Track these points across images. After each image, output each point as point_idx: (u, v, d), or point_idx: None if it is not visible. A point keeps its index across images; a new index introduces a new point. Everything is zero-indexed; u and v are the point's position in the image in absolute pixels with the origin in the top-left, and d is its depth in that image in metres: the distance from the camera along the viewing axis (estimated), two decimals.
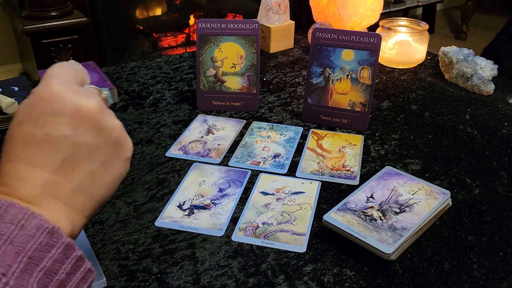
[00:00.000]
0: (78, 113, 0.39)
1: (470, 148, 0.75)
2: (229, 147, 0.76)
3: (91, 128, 0.39)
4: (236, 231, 0.58)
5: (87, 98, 0.40)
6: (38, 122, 0.38)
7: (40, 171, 0.37)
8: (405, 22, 1.09)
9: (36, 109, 0.38)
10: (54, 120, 0.38)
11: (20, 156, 0.37)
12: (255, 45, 0.84)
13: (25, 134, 0.38)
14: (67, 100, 0.39)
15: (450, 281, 0.51)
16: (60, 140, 0.38)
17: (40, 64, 1.97)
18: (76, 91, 0.40)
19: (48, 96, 0.39)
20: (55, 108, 0.38)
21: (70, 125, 0.38)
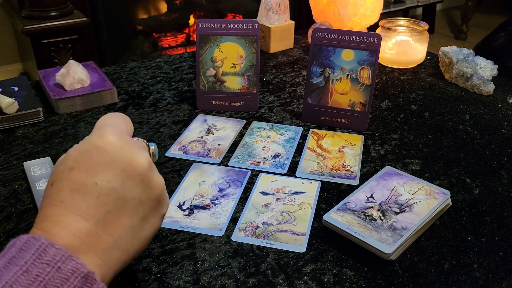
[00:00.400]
0: (130, 167, 0.39)
1: (470, 148, 0.75)
2: (229, 147, 0.76)
3: (139, 183, 0.39)
4: (236, 231, 0.58)
5: (139, 153, 0.40)
6: (90, 171, 0.38)
7: (83, 222, 0.37)
8: (405, 22, 1.09)
9: (89, 157, 0.38)
10: (106, 171, 0.38)
11: (65, 203, 0.37)
12: (255, 45, 0.84)
13: (75, 181, 0.38)
14: (121, 153, 0.39)
15: (450, 281, 0.51)
16: (108, 192, 0.38)
17: (40, 64, 1.97)
18: (129, 145, 0.40)
19: (102, 146, 0.39)
20: (108, 159, 0.38)
21: (120, 178, 0.38)
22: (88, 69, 0.93)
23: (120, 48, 2.41)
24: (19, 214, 0.60)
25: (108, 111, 0.86)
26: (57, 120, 0.83)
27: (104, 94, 0.88)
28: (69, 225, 0.36)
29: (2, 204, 0.62)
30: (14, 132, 0.79)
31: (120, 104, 0.89)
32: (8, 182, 0.66)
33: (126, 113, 0.86)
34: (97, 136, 0.40)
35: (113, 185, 0.38)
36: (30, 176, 0.66)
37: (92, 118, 0.84)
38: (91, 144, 0.39)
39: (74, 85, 0.87)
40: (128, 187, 0.39)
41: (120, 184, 0.38)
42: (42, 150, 0.74)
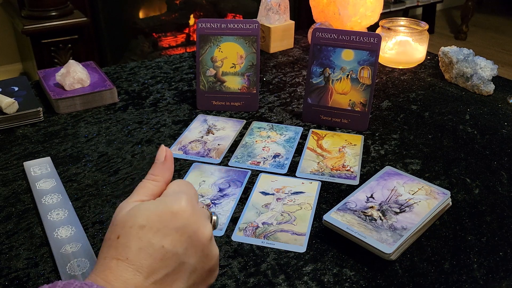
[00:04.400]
0: (195, 236, 0.41)
1: (470, 148, 0.75)
2: (229, 147, 0.76)
3: (199, 252, 0.42)
4: (236, 231, 0.58)
5: (205, 223, 0.42)
6: (159, 233, 0.40)
7: (143, 280, 0.39)
8: (405, 22, 1.09)
9: (162, 220, 0.40)
10: (173, 236, 0.40)
11: (130, 259, 0.39)
12: (255, 45, 0.84)
13: (143, 239, 0.40)
14: (191, 221, 0.41)
15: (450, 281, 0.51)
16: (171, 256, 0.40)
17: (40, 64, 1.97)
18: (198, 214, 0.42)
19: (176, 212, 0.41)
20: (179, 225, 0.40)
21: (184, 244, 0.41)
22: (88, 69, 0.93)
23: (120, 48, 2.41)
24: (19, 214, 0.60)
25: (108, 111, 0.86)
26: (57, 120, 0.83)
27: (104, 94, 0.87)
28: (130, 281, 0.38)
29: (2, 204, 0.62)
30: (14, 132, 0.79)
31: (120, 104, 0.89)
32: (8, 182, 0.66)
33: (126, 113, 0.86)
34: (173, 200, 0.42)
35: (177, 250, 0.40)
36: (30, 176, 0.66)
37: (92, 118, 0.84)
38: (167, 207, 0.41)
39: (74, 85, 0.87)
40: (189, 254, 0.41)
41: (183, 250, 0.40)
42: (42, 150, 0.74)
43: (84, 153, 0.73)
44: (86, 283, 0.37)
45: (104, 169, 0.70)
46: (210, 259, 0.43)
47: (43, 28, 1.91)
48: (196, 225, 0.41)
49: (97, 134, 0.79)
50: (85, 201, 0.63)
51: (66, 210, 0.60)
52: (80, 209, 0.61)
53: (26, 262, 0.53)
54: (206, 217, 0.43)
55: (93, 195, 0.64)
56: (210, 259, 0.43)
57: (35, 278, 0.51)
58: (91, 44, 2.20)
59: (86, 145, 0.75)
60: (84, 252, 0.53)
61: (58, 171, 0.68)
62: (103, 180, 0.67)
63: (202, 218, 0.42)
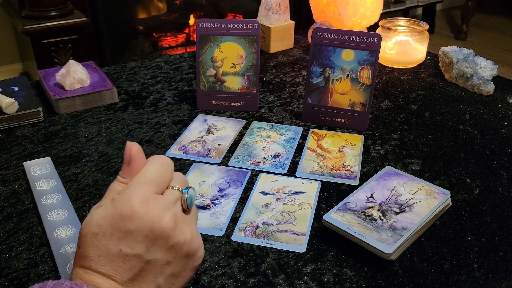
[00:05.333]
0: (152, 234, 0.40)
1: (470, 148, 0.75)
2: (229, 147, 0.76)
3: (163, 245, 0.41)
4: (236, 231, 0.58)
5: (162, 216, 0.40)
6: (113, 237, 0.39)
7: (113, 283, 0.39)
8: (405, 22, 1.09)
9: (113, 224, 0.40)
10: (129, 238, 0.39)
11: (93, 267, 0.39)
12: (255, 45, 0.84)
13: (100, 247, 0.39)
14: (144, 219, 0.40)
15: (450, 281, 0.51)
16: (132, 258, 0.39)
17: (40, 64, 1.97)
18: (153, 208, 0.40)
19: (126, 214, 0.40)
20: (131, 227, 0.39)
21: (143, 244, 0.40)
22: (88, 69, 0.93)
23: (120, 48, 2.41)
24: (19, 214, 0.60)
25: (108, 111, 0.86)
26: (57, 120, 0.83)
27: (104, 94, 0.87)
28: (99, 283, 0.39)
29: (2, 204, 0.62)
30: (14, 132, 0.79)
31: (120, 104, 0.89)
32: (8, 182, 0.66)
33: (126, 113, 0.86)
34: (122, 202, 0.40)
35: (137, 251, 0.39)
36: (30, 176, 0.66)
37: (92, 118, 0.84)
38: (116, 211, 0.40)
39: (74, 85, 0.87)
40: (152, 251, 0.40)
41: (144, 250, 0.40)
42: (42, 150, 0.74)
43: (84, 153, 0.73)
44: (76, 283, 0.37)
45: (104, 169, 0.70)
46: (180, 246, 0.41)
47: (43, 28, 1.91)
48: (151, 221, 0.40)
49: (97, 134, 0.79)
50: (85, 201, 0.63)
51: (66, 210, 0.60)
52: (80, 209, 0.61)
53: (26, 262, 0.53)
54: (163, 207, 0.41)
55: (93, 195, 0.64)
56: (180, 246, 0.41)
57: (35, 278, 0.51)
58: (91, 44, 2.20)
59: (86, 145, 0.75)
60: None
61: (58, 171, 0.68)
62: (103, 180, 0.67)
63: (158, 211, 0.40)
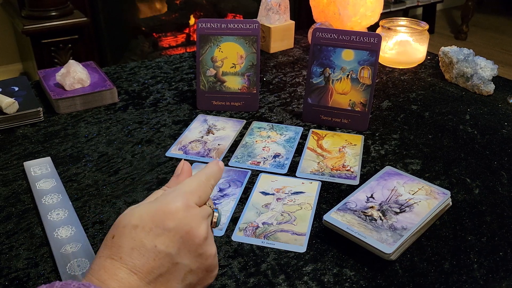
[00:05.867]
0: (187, 237, 0.41)
1: (470, 148, 0.75)
2: (229, 147, 0.76)
3: (193, 252, 0.42)
4: (236, 231, 0.58)
5: (199, 224, 0.42)
6: (152, 233, 0.40)
7: (136, 280, 0.39)
8: (405, 22, 1.09)
9: (154, 220, 0.41)
10: (166, 236, 0.41)
11: (123, 259, 0.40)
12: (255, 45, 0.84)
13: (136, 239, 0.40)
14: (184, 221, 0.41)
15: (450, 281, 0.51)
16: (164, 256, 0.40)
17: (40, 64, 1.96)
18: (193, 214, 0.42)
19: (168, 212, 0.41)
20: (171, 225, 0.41)
21: (177, 245, 0.41)
22: (88, 69, 0.93)
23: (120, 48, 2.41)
24: (19, 214, 0.60)
25: (108, 111, 0.86)
26: (57, 120, 0.83)
27: (104, 94, 0.87)
28: (124, 280, 0.39)
29: (2, 204, 0.62)
30: (14, 132, 0.79)
31: (120, 104, 0.89)
32: (8, 182, 0.66)
33: (126, 113, 0.86)
34: (168, 200, 0.42)
35: (169, 250, 0.41)
36: (30, 176, 0.66)
37: (92, 118, 0.84)
38: (160, 207, 0.42)
39: (74, 85, 0.87)
40: (182, 255, 0.41)
41: (176, 251, 0.41)
42: (42, 150, 0.74)
43: (84, 153, 0.73)
44: (84, 283, 0.37)
45: (104, 169, 0.70)
46: (205, 259, 0.43)
47: (43, 28, 1.91)
48: (189, 225, 0.42)
49: (97, 134, 0.79)
50: (85, 201, 0.63)
51: (66, 210, 0.60)
52: (80, 209, 0.61)
53: (26, 262, 0.53)
54: (201, 217, 0.43)
55: (93, 195, 0.64)
56: (205, 259, 0.43)
57: (35, 278, 0.51)
58: (91, 44, 2.20)
59: (86, 145, 0.75)
60: (84, 252, 0.53)
61: (58, 171, 0.68)
62: (103, 180, 0.67)
63: (196, 218, 0.42)
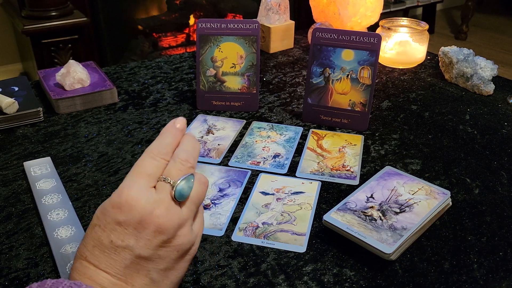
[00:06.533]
0: (142, 225, 0.40)
1: (470, 148, 0.75)
2: (229, 147, 0.76)
3: (153, 239, 0.41)
4: (236, 231, 0.58)
5: (154, 207, 0.41)
6: (106, 228, 0.41)
7: (105, 274, 0.40)
8: (405, 22, 1.09)
9: (106, 216, 0.41)
10: (119, 230, 0.40)
11: (89, 257, 0.41)
12: (255, 45, 0.84)
13: (95, 238, 0.41)
14: (134, 211, 0.40)
15: (450, 281, 0.51)
16: (122, 250, 0.40)
17: (40, 64, 1.97)
18: (143, 201, 0.41)
19: (117, 205, 0.41)
20: (121, 218, 0.40)
21: (133, 236, 0.40)
22: (88, 69, 0.93)
23: (120, 48, 2.41)
24: (19, 214, 0.60)
25: (108, 111, 0.86)
26: (57, 120, 0.83)
27: (104, 94, 0.87)
28: (94, 277, 0.40)
29: (2, 204, 0.62)
30: (14, 132, 0.79)
31: (120, 104, 0.89)
32: (8, 182, 0.66)
33: (126, 113, 0.86)
34: (118, 193, 0.41)
35: (126, 243, 0.40)
36: (30, 176, 0.66)
37: (92, 118, 0.84)
38: (110, 203, 0.41)
39: (74, 85, 0.87)
40: (142, 245, 0.40)
41: (134, 242, 0.40)
42: (42, 150, 0.74)
43: (84, 153, 0.73)
44: (75, 282, 0.38)
45: (104, 169, 0.70)
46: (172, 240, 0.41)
47: (43, 28, 1.91)
48: (139, 214, 0.40)
49: (97, 134, 0.79)
50: (85, 201, 0.63)
51: (66, 210, 0.60)
52: (80, 209, 0.61)
53: (26, 262, 0.53)
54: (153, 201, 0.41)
55: (93, 195, 0.64)
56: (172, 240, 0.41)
57: (35, 278, 0.51)
58: (91, 44, 2.20)
59: (86, 145, 0.75)
60: None
61: (58, 171, 0.68)
62: (103, 180, 0.67)
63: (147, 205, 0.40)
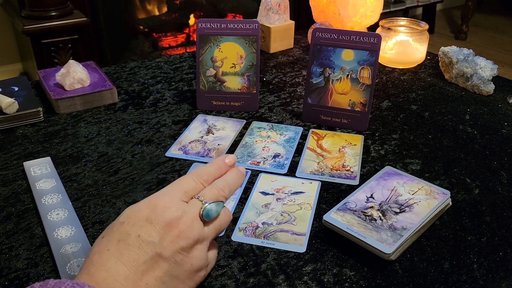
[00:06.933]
0: (169, 227, 0.44)
1: (470, 148, 0.75)
2: (229, 147, 0.76)
3: (175, 243, 0.44)
4: (236, 231, 0.58)
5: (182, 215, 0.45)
6: (136, 225, 0.43)
7: (123, 268, 0.41)
8: (405, 22, 1.09)
9: (139, 213, 0.44)
10: (149, 227, 0.43)
11: (111, 250, 0.42)
12: (255, 45, 0.84)
13: (122, 232, 0.43)
14: (165, 213, 0.44)
15: (450, 281, 0.51)
16: (147, 244, 0.43)
17: (40, 64, 1.97)
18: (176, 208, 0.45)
19: (152, 206, 0.45)
20: (153, 217, 0.44)
21: (159, 235, 0.43)
22: (88, 69, 0.93)
23: (120, 48, 2.41)
24: (19, 214, 0.60)
25: (108, 111, 0.86)
26: (57, 120, 0.83)
27: (104, 94, 0.88)
28: (111, 268, 0.41)
29: (2, 204, 0.62)
30: (14, 132, 0.79)
31: (120, 104, 0.89)
32: (8, 182, 0.66)
33: (126, 113, 0.86)
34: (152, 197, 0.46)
35: (152, 239, 0.43)
36: (30, 176, 0.66)
37: (92, 118, 0.84)
38: (144, 203, 0.45)
39: (74, 85, 0.87)
40: (165, 245, 0.43)
41: (158, 240, 0.43)
42: (42, 150, 0.74)
43: (84, 153, 0.73)
44: (78, 282, 0.38)
45: (104, 169, 0.70)
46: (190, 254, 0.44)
47: (43, 28, 1.91)
48: (170, 217, 0.44)
49: (97, 134, 0.79)
50: (85, 201, 0.63)
51: (66, 210, 0.60)
52: (80, 209, 0.61)
53: (26, 262, 0.53)
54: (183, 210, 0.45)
55: (93, 195, 0.64)
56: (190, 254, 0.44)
57: (35, 278, 0.51)
58: (91, 44, 2.20)
59: (86, 145, 0.75)
60: (84, 252, 0.53)
61: (58, 171, 0.68)
62: (103, 180, 0.67)
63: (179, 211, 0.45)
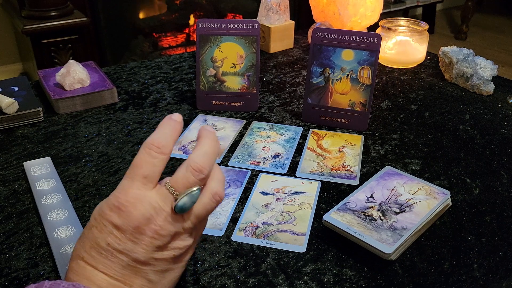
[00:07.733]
0: (139, 231, 0.40)
1: (470, 148, 0.75)
2: (229, 147, 0.76)
3: (149, 244, 0.41)
4: (236, 231, 0.58)
5: (152, 215, 0.41)
6: (103, 231, 0.40)
7: (103, 275, 0.40)
8: (405, 22, 1.09)
9: (104, 218, 0.41)
10: (116, 233, 0.40)
11: (86, 258, 0.40)
12: (255, 45, 0.84)
13: (92, 239, 0.41)
14: (132, 216, 0.40)
15: (450, 281, 0.51)
16: (119, 253, 0.40)
17: (40, 64, 1.97)
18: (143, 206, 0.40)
19: (115, 209, 0.40)
20: (119, 222, 0.40)
21: (130, 241, 0.40)
22: (88, 69, 0.93)
23: (120, 48, 2.41)
24: (19, 214, 0.60)
25: (108, 111, 0.86)
26: (57, 120, 0.83)
27: (104, 94, 0.88)
28: (92, 279, 0.40)
29: (2, 204, 0.62)
30: (14, 132, 0.79)
31: (120, 104, 0.89)
32: (8, 182, 0.66)
33: (126, 113, 0.85)
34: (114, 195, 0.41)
35: (123, 246, 0.40)
36: (30, 176, 0.66)
37: (92, 118, 0.84)
38: (107, 205, 0.41)
39: (74, 85, 0.87)
40: (139, 249, 0.40)
41: (131, 247, 0.40)
42: (42, 150, 0.74)
43: (84, 153, 0.73)
44: (74, 284, 0.38)
45: (104, 169, 0.70)
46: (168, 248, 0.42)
47: (43, 28, 1.91)
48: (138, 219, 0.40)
49: (97, 134, 0.79)
50: (85, 201, 0.63)
51: (66, 210, 0.60)
52: (80, 209, 0.61)
53: (26, 262, 0.53)
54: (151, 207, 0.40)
55: (93, 195, 0.64)
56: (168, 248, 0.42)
57: (35, 278, 0.51)
58: (91, 44, 2.20)
59: (86, 145, 0.75)
60: None
61: (58, 171, 0.68)
62: (103, 180, 0.67)
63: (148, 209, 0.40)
